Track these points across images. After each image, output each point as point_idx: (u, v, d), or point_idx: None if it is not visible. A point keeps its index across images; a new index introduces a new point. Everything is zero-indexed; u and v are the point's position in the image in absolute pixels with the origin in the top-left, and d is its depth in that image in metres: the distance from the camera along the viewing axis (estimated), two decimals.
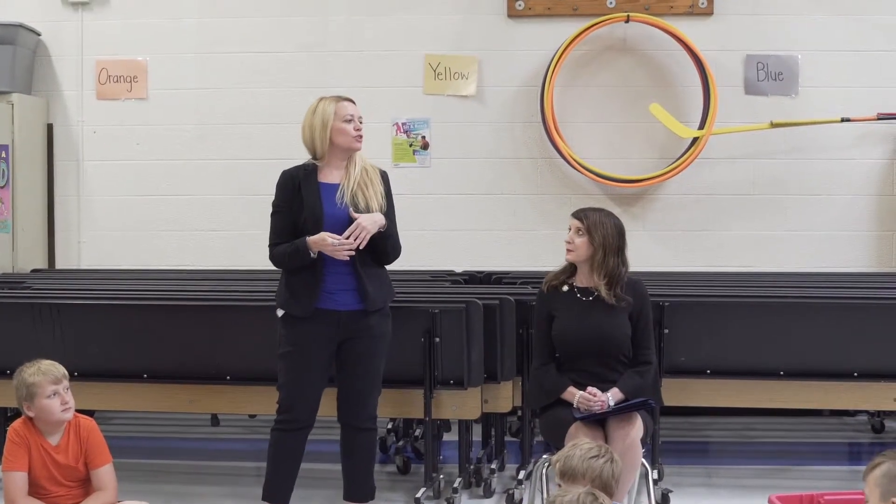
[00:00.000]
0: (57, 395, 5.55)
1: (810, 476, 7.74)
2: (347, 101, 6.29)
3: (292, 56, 9.97)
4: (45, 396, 5.54)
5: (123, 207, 10.12)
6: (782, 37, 9.63)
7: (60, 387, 5.57)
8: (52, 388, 5.54)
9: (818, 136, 9.58)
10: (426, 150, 9.89)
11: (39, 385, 5.54)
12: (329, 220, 6.10)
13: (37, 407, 5.57)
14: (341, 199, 6.14)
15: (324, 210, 6.13)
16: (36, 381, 5.55)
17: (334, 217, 6.11)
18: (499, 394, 7.12)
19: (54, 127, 10.16)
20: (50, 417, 5.58)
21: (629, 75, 9.75)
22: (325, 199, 6.17)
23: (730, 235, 9.71)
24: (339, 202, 6.14)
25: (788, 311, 7.23)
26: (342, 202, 6.14)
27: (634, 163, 9.70)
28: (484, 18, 9.84)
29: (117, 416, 9.30)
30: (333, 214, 6.11)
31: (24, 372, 5.61)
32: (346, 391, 6.31)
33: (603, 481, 4.49)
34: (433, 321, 6.85)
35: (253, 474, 6.83)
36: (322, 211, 6.13)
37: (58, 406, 5.55)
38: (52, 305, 7.36)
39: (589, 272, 6.31)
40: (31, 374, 5.57)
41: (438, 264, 9.68)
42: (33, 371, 5.58)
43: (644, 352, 6.31)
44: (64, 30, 10.14)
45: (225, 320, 7.20)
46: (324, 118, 6.21)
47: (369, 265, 6.20)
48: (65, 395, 5.58)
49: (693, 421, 9.06)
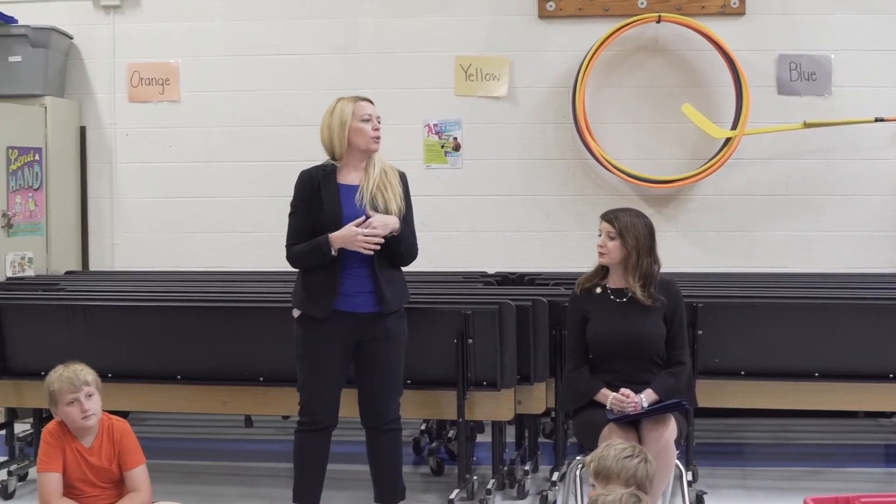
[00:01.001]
0: (76, 403, 5.55)
1: (846, 478, 7.69)
2: (365, 101, 6.25)
3: (323, 58, 9.99)
4: (66, 404, 5.56)
5: (156, 209, 10.15)
6: (815, 36, 9.59)
7: (81, 394, 5.55)
8: (71, 396, 5.54)
9: (851, 136, 9.53)
10: (458, 152, 9.88)
11: (60, 392, 5.56)
12: (348, 222, 6.08)
13: (60, 413, 5.60)
14: (360, 200, 6.13)
15: (343, 211, 6.12)
16: (56, 388, 5.57)
17: (353, 218, 6.07)
18: (532, 395, 7.11)
19: (87, 130, 10.20)
20: (71, 424, 5.60)
21: (661, 76, 9.72)
22: (344, 200, 6.15)
23: (763, 236, 9.67)
24: (358, 204, 6.12)
25: (822, 311, 7.20)
26: (361, 204, 6.12)
27: (667, 163, 9.68)
28: (515, 19, 9.83)
29: (151, 417, 9.34)
30: (353, 216, 6.08)
31: (50, 377, 5.64)
32: (366, 395, 6.31)
33: (637, 481, 4.48)
34: (466, 322, 6.84)
35: (286, 475, 6.82)
36: (342, 212, 6.11)
37: (77, 414, 5.55)
38: (85, 307, 7.40)
39: (622, 274, 6.30)
40: (53, 381, 5.60)
41: (471, 265, 9.68)
42: (56, 377, 5.60)
43: (678, 353, 6.29)
44: (96, 33, 10.19)
45: (258, 322, 7.21)
46: (342, 118, 6.18)
47: (386, 267, 6.18)
48: (85, 403, 5.56)
49: (727, 422, 9.02)
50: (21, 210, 9.30)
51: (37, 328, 7.41)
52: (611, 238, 6.27)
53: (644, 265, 6.24)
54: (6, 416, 7.91)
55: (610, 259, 6.30)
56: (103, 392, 5.72)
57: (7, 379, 7.45)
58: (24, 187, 9.35)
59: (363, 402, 6.31)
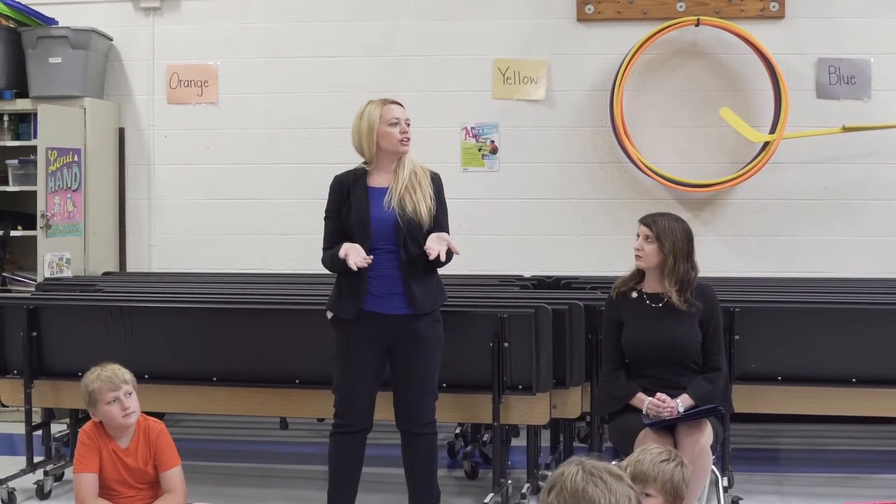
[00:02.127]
0: (117, 402, 5.60)
1: (883, 485, 7.64)
2: (394, 104, 6.25)
3: (361, 60, 10.00)
4: (106, 403, 5.60)
5: (193, 211, 10.19)
6: (854, 40, 9.53)
7: (121, 392, 5.61)
8: (111, 395, 5.59)
9: (891, 140, 9.46)
10: (495, 155, 9.87)
11: (99, 392, 5.60)
12: (376, 224, 6.10)
13: (99, 413, 5.64)
14: (389, 202, 6.13)
15: (370, 214, 6.13)
16: (96, 387, 5.61)
17: (381, 220, 6.10)
18: (567, 399, 7.10)
19: (126, 131, 10.25)
20: (112, 423, 5.64)
21: (699, 79, 9.69)
22: (372, 202, 6.16)
23: (801, 241, 9.62)
24: (386, 206, 6.12)
25: (861, 317, 7.16)
26: (389, 206, 6.12)
27: (704, 167, 9.64)
28: (553, 23, 9.81)
29: (186, 418, 9.37)
30: (380, 218, 6.11)
31: (87, 378, 5.70)
32: (401, 398, 6.31)
33: (674, 485, 4.46)
34: (502, 326, 6.84)
35: (321, 478, 6.83)
36: (368, 214, 6.13)
37: (118, 412, 5.61)
38: (123, 308, 7.44)
39: (659, 278, 6.29)
40: (92, 381, 5.64)
41: (507, 269, 9.66)
42: (94, 377, 5.65)
43: (714, 358, 6.28)
44: (135, 35, 10.23)
45: (294, 324, 7.24)
46: (370, 122, 6.20)
47: (418, 268, 6.16)
48: (125, 401, 5.62)
49: (764, 428, 8.98)
50: (59, 211, 9.34)
51: (74, 329, 7.45)
52: (648, 241, 6.27)
53: (681, 270, 6.23)
54: (43, 417, 7.94)
55: (646, 262, 6.29)
56: (139, 393, 5.76)
57: (44, 379, 7.49)
58: (63, 188, 9.39)
59: (398, 406, 6.31)
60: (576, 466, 3.60)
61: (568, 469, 3.61)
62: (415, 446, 6.32)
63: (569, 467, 3.63)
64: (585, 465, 3.59)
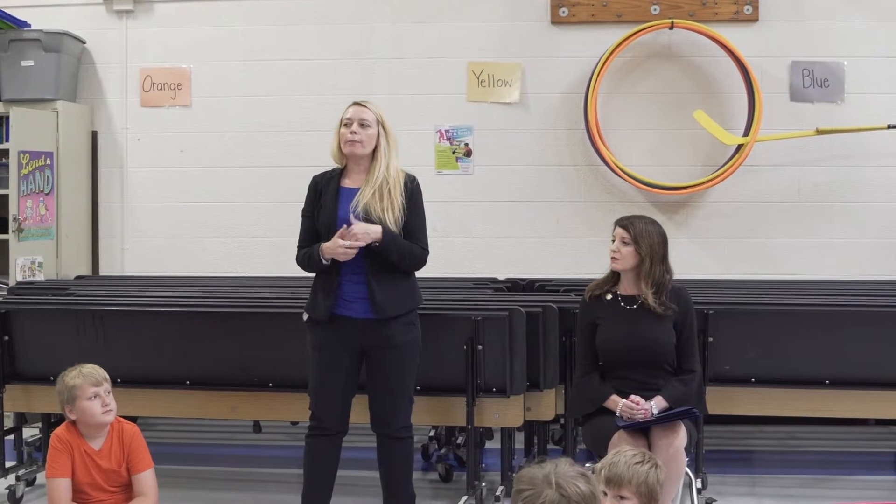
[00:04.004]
0: (98, 398, 5.63)
1: (856, 486, 7.67)
2: (354, 105, 6.25)
3: (336, 63, 9.98)
4: (86, 398, 5.62)
5: (167, 214, 10.15)
6: (828, 43, 9.56)
7: (101, 389, 5.65)
8: (92, 391, 5.62)
9: (864, 142, 9.50)
10: (469, 158, 9.87)
11: (80, 387, 5.61)
12: (342, 224, 6.09)
13: (78, 409, 5.64)
14: (355, 206, 6.12)
15: (338, 214, 6.14)
16: (77, 383, 5.62)
17: (347, 221, 6.09)
18: (541, 402, 7.10)
19: (98, 134, 10.20)
20: (91, 420, 5.64)
21: (673, 82, 9.70)
22: (341, 202, 6.18)
23: (774, 243, 9.64)
24: (352, 209, 6.12)
25: (834, 319, 7.18)
26: (355, 210, 6.11)
27: (678, 170, 9.66)
28: (527, 25, 9.82)
29: (160, 422, 9.34)
30: (347, 219, 6.10)
31: (66, 375, 5.70)
32: (376, 401, 6.31)
33: (649, 487, 4.47)
34: (476, 329, 6.82)
35: (294, 481, 6.82)
36: (336, 214, 6.14)
37: (98, 408, 5.63)
38: (95, 312, 7.40)
39: (634, 280, 6.31)
40: (72, 377, 5.66)
41: (481, 271, 9.67)
42: (75, 374, 5.67)
43: (688, 360, 6.29)
44: (108, 38, 10.19)
45: (268, 327, 7.21)
46: (337, 124, 6.25)
47: (384, 273, 6.15)
48: (105, 398, 5.67)
49: (737, 429, 8.99)
50: (32, 214, 9.30)
51: (46, 333, 7.41)
52: (625, 244, 6.28)
53: (657, 272, 6.25)
54: (15, 421, 7.91)
55: (623, 265, 6.30)
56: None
57: (16, 383, 7.45)
58: (36, 192, 9.35)
59: (373, 409, 6.31)
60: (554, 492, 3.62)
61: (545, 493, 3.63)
62: (390, 450, 6.32)
63: (545, 490, 3.65)
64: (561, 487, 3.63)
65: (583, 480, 3.71)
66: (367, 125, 6.18)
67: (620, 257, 6.30)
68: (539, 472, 3.72)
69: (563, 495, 3.63)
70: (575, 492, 3.65)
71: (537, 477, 3.70)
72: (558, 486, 3.64)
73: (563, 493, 3.64)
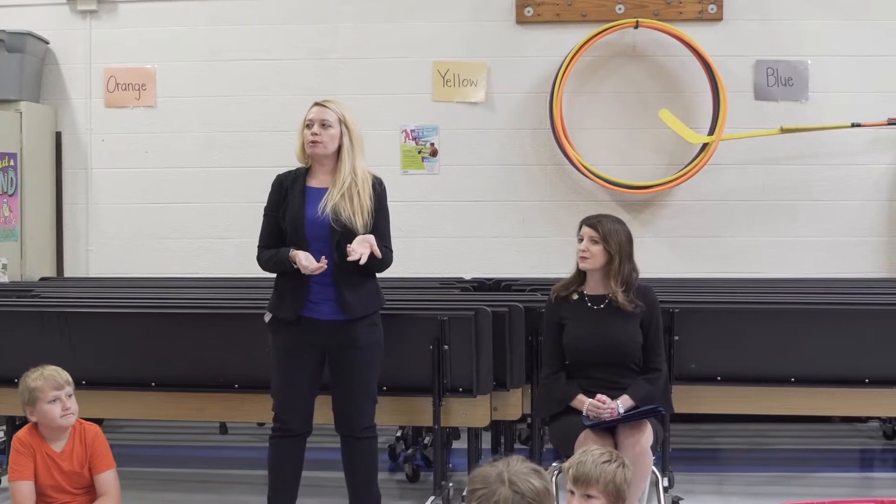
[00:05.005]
0: (58, 401, 5.59)
1: (822, 483, 7.70)
2: (316, 106, 6.22)
3: (301, 64, 9.96)
4: (47, 401, 5.57)
5: (132, 215, 10.11)
6: (792, 42, 9.60)
7: (62, 392, 5.60)
8: (53, 394, 5.58)
9: (828, 141, 9.55)
10: (435, 158, 9.87)
11: (41, 389, 5.57)
12: (310, 226, 6.08)
13: (38, 411, 5.60)
14: (324, 207, 6.09)
15: (305, 214, 6.11)
16: (38, 385, 5.58)
17: (314, 222, 6.07)
18: (508, 401, 7.09)
19: (63, 135, 10.15)
20: (50, 423, 5.60)
21: (638, 81, 9.72)
22: (308, 202, 6.14)
23: (740, 242, 9.68)
24: (321, 210, 6.09)
25: (799, 317, 7.20)
26: (324, 211, 6.09)
27: (644, 169, 9.68)
28: (493, 25, 9.82)
29: (125, 424, 9.30)
30: (314, 220, 6.08)
31: (28, 377, 5.66)
32: (340, 402, 6.29)
33: (616, 486, 4.47)
34: (442, 328, 6.82)
35: (261, 483, 6.79)
36: (304, 214, 6.11)
37: (58, 411, 5.58)
38: (60, 314, 7.35)
39: (602, 279, 6.31)
40: (33, 379, 5.62)
41: (447, 271, 9.67)
42: (36, 376, 5.63)
43: (654, 359, 6.30)
44: (72, 38, 10.14)
45: (233, 328, 7.18)
46: (301, 124, 6.23)
47: (351, 274, 6.12)
48: (66, 401, 5.61)
49: (703, 428, 9.03)
50: None
51: (10, 335, 7.34)
52: (594, 242, 6.27)
53: (625, 270, 6.27)
54: None
55: (593, 264, 6.29)
56: (77, 399, 5.72)
57: None
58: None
59: (337, 410, 6.29)
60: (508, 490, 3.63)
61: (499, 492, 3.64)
62: (355, 450, 6.30)
63: (499, 489, 3.65)
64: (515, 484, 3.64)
65: (536, 476, 3.71)
66: (328, 125, 6.15)
67: (590, 256, 6.29)
68: (492, 470, 3.73)
69: (517, 492, 3.64)
70: (528, 488, 3.66)
71: (490, 475, 3.71)
72: (511, 484, 3.65)
73: (516, 490, 3.65)
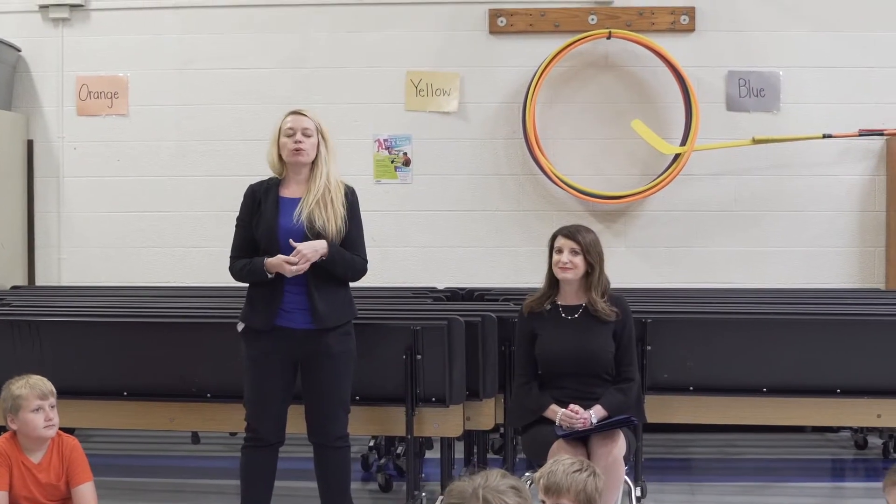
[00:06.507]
0: (41, 411, 5.55)
1: (794, 493, 7.73)
2: (293, 115, 6.22)
3: (273, 72, 9.95)
4: (30, 410, 5.54)
5: (104, 224, 10.07)
6: (764, 53, 9.65)
7: (46, 403, 5.57)
8: (37, 403, 5.54)
9: (800, 152, 9.59)
10: (408, 167, 9.87)
11: (25, 398, 5.54)
12: (284, 235, 6.06)
13: (20, 420, 5.56)
14: (299, 216, 6.09)
15: (279, 224, 6.11)
16: (23, 393, 5.55)
17: (289, 232, 6.06)
18: (481, 411, 7.09)
19: (34, 143, 10.11)
20: (32, 432, 5.56)
21: (611, 92, 9.75)
22: (282, 213, 6.14)
23: (712, 252, 9.71)
24: (295, 219, 6.09)
25: (771, 327, 7.22)
26: (299, 219, 6.09)
27: (616, 179, 9.70)
28: (466, 35, 9.83)
29: (97, 434, 9.25)
30: (288, 229, 6.07)
31: (12, 384, 5.63)
32: (312, 412, 6.28)
33: (588, 495, 4.46)
34: (415, 338, 6.80)
35: (233, 492, 6.78)
36: (277, 224, 6.11)
37: (41, 422, 5.55)
38: (31, 323, 7.31)
39: (579, 290, 6.33)
40: (18, 387, 5.58)
41: (420, 281, 9.66)
42: (21, 384, 5.60)
43: (627, 369, 6.31)
44: (44, 45, 10.10)
45: (206, 337, 7.16)
46: (274, 133, 6.22)
47: (325, 284, 6.13)
48: (49, 412, 5.58)
49: (676, 438, 9.04)
50: None
51: None
52: (575, 254, 6.27)
53: (604, 280, 6.31)
54: None
55: (575, 275, 6.29)
56: None
57: None
58: None
59: (310, 419, 6.28)
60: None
61: None
62: (327, 459, 6.29)
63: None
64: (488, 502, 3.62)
65: (512, 494, 3.68)
66: (308, 134, 6.16)
67: (573, 267, 6.29)
68: (469, 485, 3.69)
69: None
70: None
71: (466, 491, 3.67)
72: (485, 501, 3.61)
73: None
